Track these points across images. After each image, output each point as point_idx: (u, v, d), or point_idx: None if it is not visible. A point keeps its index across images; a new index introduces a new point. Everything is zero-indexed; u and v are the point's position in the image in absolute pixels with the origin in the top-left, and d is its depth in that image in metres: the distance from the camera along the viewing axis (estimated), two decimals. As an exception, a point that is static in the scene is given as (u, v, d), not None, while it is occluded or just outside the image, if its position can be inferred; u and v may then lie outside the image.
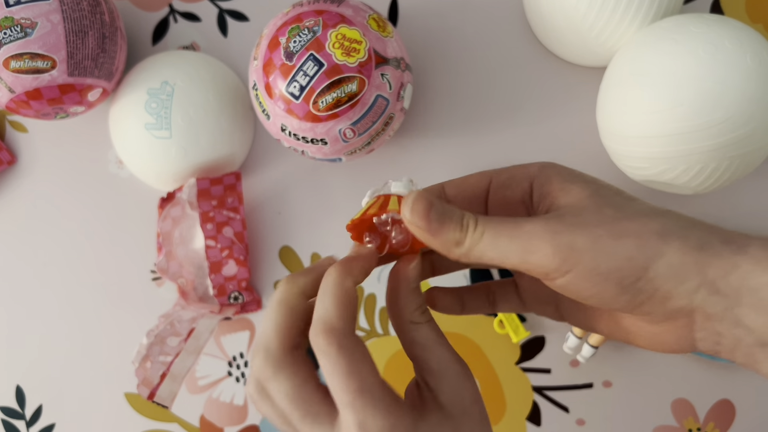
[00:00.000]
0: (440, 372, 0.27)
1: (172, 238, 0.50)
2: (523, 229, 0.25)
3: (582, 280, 0.24)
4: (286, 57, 0.41)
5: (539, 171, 0.28)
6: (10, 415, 0.52)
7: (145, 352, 0.46)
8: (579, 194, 0.26)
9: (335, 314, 0.25)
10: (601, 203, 0.25)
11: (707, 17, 0.42)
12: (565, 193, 0.26)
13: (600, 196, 0.26)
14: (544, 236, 0.24)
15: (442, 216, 0.26)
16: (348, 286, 0.26)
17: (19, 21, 0.41)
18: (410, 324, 0.27)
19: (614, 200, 0.26)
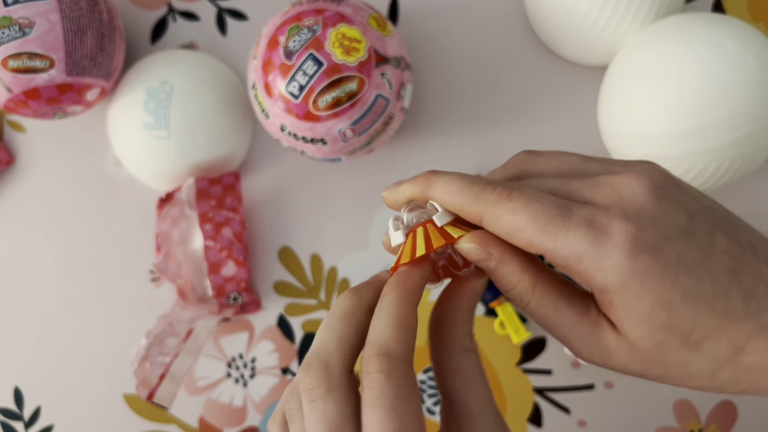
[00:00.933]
0: (478, 414, 0.24)
1: (170, 238, 0.50)
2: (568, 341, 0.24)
3: None
4: (285, 56, 0.41)
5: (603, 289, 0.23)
6: (9, 417, 0.52)
7: (143, 352, 0.46)
8: (638, 339, 0.23)
9: (393, 337, 0.23)
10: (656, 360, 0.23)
11: (709, 16, 0.42)
12: (628, 330, 0.23)
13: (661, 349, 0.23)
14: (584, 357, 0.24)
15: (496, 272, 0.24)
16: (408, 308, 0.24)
17: (17, 20, 0.41)
18: (459, 350, 0.25)
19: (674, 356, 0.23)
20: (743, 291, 0.22)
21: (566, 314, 0.24)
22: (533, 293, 0.24)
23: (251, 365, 0.51)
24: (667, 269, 0.22)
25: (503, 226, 0.23)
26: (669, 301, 0.22)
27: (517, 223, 0.23)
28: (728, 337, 0.22)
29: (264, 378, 0.51)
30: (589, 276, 0.22)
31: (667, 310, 0.22)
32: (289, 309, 0.51)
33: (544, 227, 0.22)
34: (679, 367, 0.23)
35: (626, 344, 0.23)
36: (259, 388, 0.51)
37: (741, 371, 0.23)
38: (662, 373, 0.23)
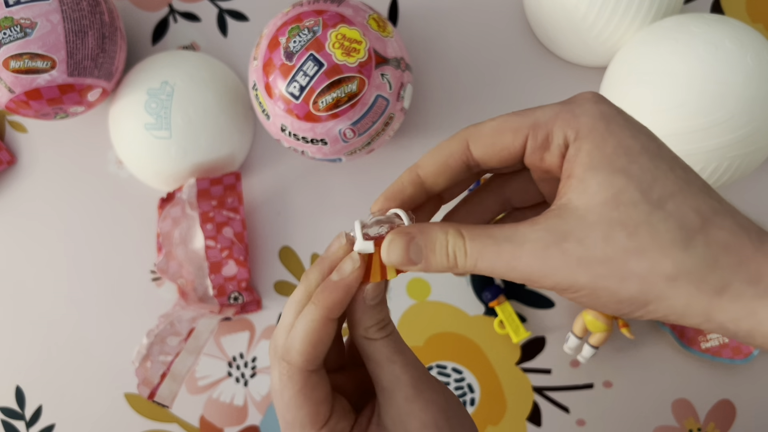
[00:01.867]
0: (389, 391, 0.26)
1: (171, 238, 0.50)
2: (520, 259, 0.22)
3: (582, 301, 0.23)
4: (286, 57, 0.41)
5: (577, 136, 0.23)
6: (10, 416, 0.52)
7: (145, 351, 0.46)
8: (594, 197, 0.22)
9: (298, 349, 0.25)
10: (615, 220, 0.21)
11: (708, 17, 0.42)
12: (582, 188, 0.22)
13: (618, 205, 0.21)
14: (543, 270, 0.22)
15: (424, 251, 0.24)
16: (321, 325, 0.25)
17: (18, 21, 0.41)
18: (364, 341, 0.27)
19: (634, 213, 0.21)
20: (698, 178, 0.23)
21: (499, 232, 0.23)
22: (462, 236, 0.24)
23: (252, 364, 0.51)
24: (629, 124, 0.23)
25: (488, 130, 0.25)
26: (629, 147, 0.22)
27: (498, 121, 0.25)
28: (692, 202, 0.21)
29: (265, 377, 0.51)
30: (565, 128, 0.23)
31: (627, 155, 0.22)
32: (289, 308, 0.52)
33: (522, 113, 0.25)
34: (644, 231, 0.21)
35: (580, 215, 0.22)
36: (259, 387, 0.51)
37: (714, 246, 0.21)
38: (628, 244, 0.21)
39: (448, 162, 0.26)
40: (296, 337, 0.25)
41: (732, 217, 0.21)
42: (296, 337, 0.25)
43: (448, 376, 0.51)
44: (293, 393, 0.26)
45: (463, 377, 0.51)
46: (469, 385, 0.51)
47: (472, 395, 0.51)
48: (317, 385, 0.26)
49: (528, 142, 0.24)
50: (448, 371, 0.51)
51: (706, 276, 0.21)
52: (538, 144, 0.24)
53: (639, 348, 0.50)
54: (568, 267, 0.22)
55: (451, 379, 0.51)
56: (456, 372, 0.51)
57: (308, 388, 0.26)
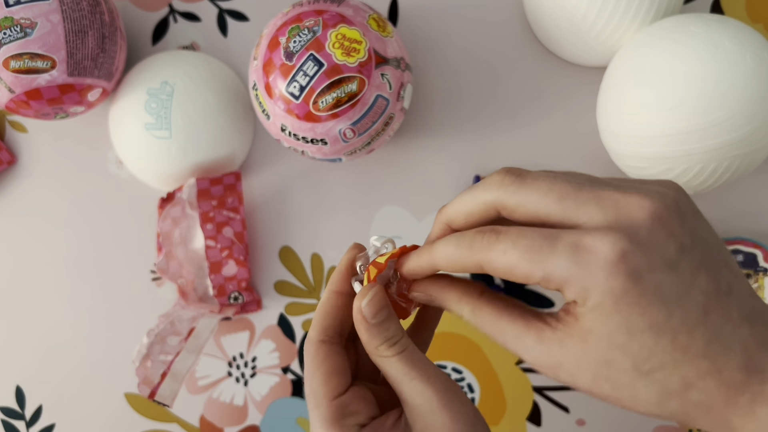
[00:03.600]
0: (413, 406, 0.27)
1: (171, 238, 0.50)
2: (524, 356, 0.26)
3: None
4: (286, 57, 0.41)
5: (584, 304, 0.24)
6: (10, 416, 0.52)
7: (145, 351, 0.46)
8: (591, 355, 0.24)
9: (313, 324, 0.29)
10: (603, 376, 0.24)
11: (707, 17, 0.42)
12: (583, 342, 0.24)
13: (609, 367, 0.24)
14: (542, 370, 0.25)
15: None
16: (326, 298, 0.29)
17: (18, 21, 0.41)
18: (379, 359, 0.28)
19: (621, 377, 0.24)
20: (708, 331, 0.23)
21: (510, 329, 0.26)
22: (475, 317, 0.27)
23: (252, 364, 0.51)
24: (641, 296, 0.23)
25: (499, 266, 0.25)
26: (633, 327, 0.23)
27: (510, 261, 0.24)
28: (681, 372, 0.23)
29: (265, 377, 0.51)
30: (575, 296, 0.24)
31: (628, 334, 0.23)
32: (289, 308, 0.52)
33: (533, 259, 0.24)
34: (626, 389, 0.24)
35: (574, 356, 0.24)
36: (259, 387, 0.51)
37: (687, 405, 0.23)
38: (609, 393, 0.24)
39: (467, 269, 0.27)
40: (314, 314, 0.29)
41: (718, 376, 0.23)
42: (314, 314, 0.29)
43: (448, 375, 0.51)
44: (307, 362, 0.28)
45: (463, 377, 0.51)
46: (469, 385, 0.51)
47: (472, 395, 0.51)
48: (328, 355, 0.28)
49: (542, 286, 0.25)
50: (448, 371, 0.51)
51: (675, 419, 0.24)
52: (551, 288, 0.25)
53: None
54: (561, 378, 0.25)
55: (451, 378, 0.51)
56: (456, 372, 0.51)
57: (319, 358, 0.28)
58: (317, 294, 0.52)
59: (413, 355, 0.28)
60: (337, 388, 0.28)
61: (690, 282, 0.23)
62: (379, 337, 0.27)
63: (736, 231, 0.50)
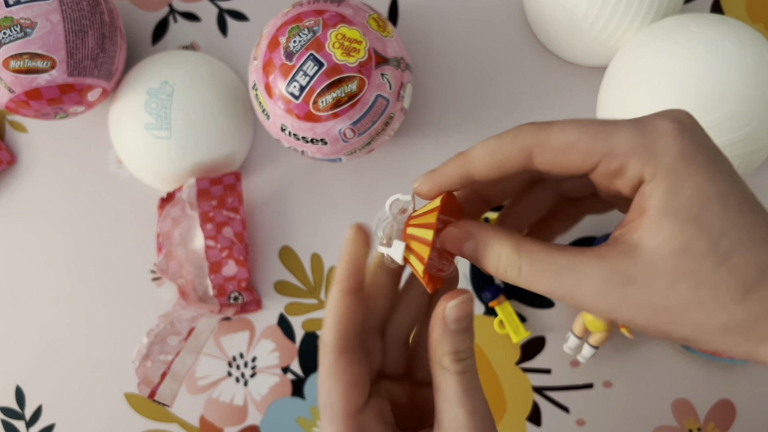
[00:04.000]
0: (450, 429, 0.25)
1: (171, 238, 0.50)
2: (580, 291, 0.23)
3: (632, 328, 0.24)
4: (285, 57, 0.41)
5: (654, 175, 0.22)
6: (10, 416, 0.52)
7: (145, 351, 0.46)
8: (665, 243, 0.22)
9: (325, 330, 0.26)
10: (682, 270, 0.22)
11: (707, 17, 0.42)
12: (655, 231, 0.22)
13: (687, 255, 0.22)
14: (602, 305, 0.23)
15: (477, 254, 0.25)
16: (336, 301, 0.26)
17: (18, 21, 0.41)
18: (439, 368, 0.25)
19: (700, 266, 0.22)
20: (762, 219, 0.22)
21: (564, 261, 0.23)
22: (519, 255, 0.24)
23: (252, 364, 0.51)
24: (707, 162, 0.22)
25: (556, 145, 0.23)
26: (704, 193, 0.22)
27: (570, 137, 0.23)
28: (756, 255, 0.22)
29: (265, 377, 0.51)
30: (642, 167, 0.22)
31: (701, 202, 0.22)
32: (289, 308, 0.52)
33: (596, 133, 0.23)
34: (706, 286, 0.22)
35: (647, 260, 0.22)
36: (259, 387, 0.51)
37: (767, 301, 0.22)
38: (689, 296, 0.22)
39: (506, 166, 0.24)
40: (326, 317, 0.26)
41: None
42: (326, 317, 0.26)
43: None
44: (325, 373, 0.25)
45: (463, 377, 0.51)
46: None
47: (472, 395, 0.51)
48: (348, 366, 0.25)
49: (599, 166, 0.23)
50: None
51: (755, 327, 0.22)
52: (610, 171, 0.23)
53: (639, 348, 0.50)
54: (627, 309, 0.22)
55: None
56: (456, 372, 0.51)
57: (338, 369, 0.25)
58: (317, 294, 0.52)
59: (472, 381, 0.25)
60: (357, 403, 0.26)
61: (735, 172, 0.23)
62: (450, 345, 0.25)
63: None
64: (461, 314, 0.25)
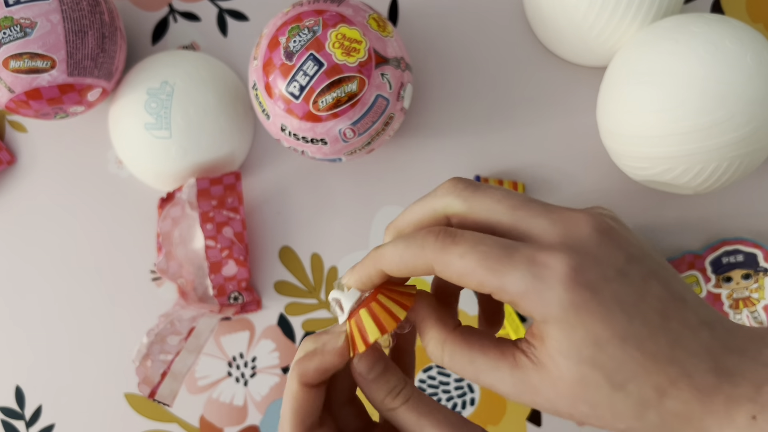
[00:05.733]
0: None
1: (171, 238, 0.50)
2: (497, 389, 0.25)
3: None
4: (285, 57, 0.41)
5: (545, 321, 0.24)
6: (10, 416, 0.52)
7: (145, 350, 0.46)
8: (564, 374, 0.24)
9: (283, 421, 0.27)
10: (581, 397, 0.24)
11: (708, 17, 0.42)
12: (554, 365, 0.24)
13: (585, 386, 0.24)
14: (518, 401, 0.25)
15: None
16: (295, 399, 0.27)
17: (18, 21, 0.41)
18: (386, 411, 0.27)
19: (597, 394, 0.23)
20: (670, 336, 0.23)
21: (482, 362, 0.25)
22: (443, 350, 0.26)
23: (252, 364, 0.51)
24: (601, 306, 0.23)
25: (454, 270, 0.24)
26: (598, 337, 0.23)
27: (467, 267, 0.24)
28: (653, 380, 0.23)
29: (265, 377, 0.51)
30: (531, 310, 0.23)
31: (595, 346, 0.23)
32: (289, 308, 0.52)
33: (492, 267, 0.23)
34: (604, 407, 0.24)
35: (550, 380, 0.24)
36: (259, 387, 0.51)
37: (666, 416, 0.23)
38: (589, 412, 0.24)
39: (414, 273, 0.26)
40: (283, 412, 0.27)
41: (688, 380, 0.23)
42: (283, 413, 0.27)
43: (448, 375, 0.51)
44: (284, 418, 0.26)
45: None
46: (468, 385, 0.51)
47: (471, 395, 0.51)
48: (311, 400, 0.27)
49: (492, 294, 0.24)
50: (448, 371, 0.51)
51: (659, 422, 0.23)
52: (504, 300, 0.24)
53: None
54: (539, 407, 0.25)
55: (450, 378, 0.51)
56: (456, 372, 0.51)
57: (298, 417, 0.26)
58: (317, 294, 0.52)
59: (420, 402, 0.27)
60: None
61: (644, 289, 0.24)
62: (381, 391, 0.27)
63: (736, 231, 0.50)
64: (371, 363, 0.27)
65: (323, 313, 0.52)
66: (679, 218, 0.50)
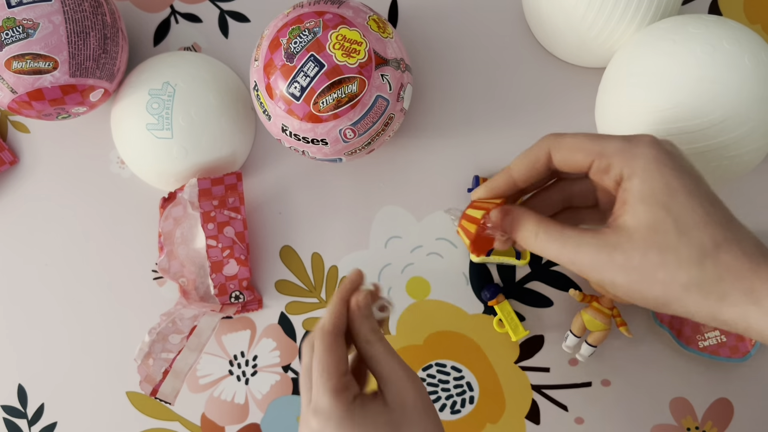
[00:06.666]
0: (388, 377, 0.35)
1: (173, 237, 0.51)
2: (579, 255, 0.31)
3: (619, 295, 0.32)
4: (286, 58, 0.42)
5: (632, 173, 0.30)
6: (13, 414, 0.53)
7: (147, 349, 0.46)
8: (640, 222, 0.29)
9: (326, 319, 0.36)
10: (652, 241, 0.29)
11: (706, 18, 0.42)
12: (633, 214, 0.30)
13: (657, 230, 0.29)
14: (594, 267, 0.31)
15: (513, 225, 0.34)
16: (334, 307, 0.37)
17: (21, 22, 0.42)
18: (365, 343, 0.36)
19: (666, 238, 0.29)
20: (724, 211, 0.30)
21: (570, 234, 0.31)
22: (538, 225, 0.32)
23: (253, 363, 0.52)
24: (676, 165, 0.30)
25: (567, 145, 0.32)
26: (672, 187, 0.29)
27: (576, 140, 0.32)
28: (710, 231, 0.29)
29: (265, 375, 0.52)
30: (623, 165, 0.30)
31: (669, 192, 0.29)
32: (290, 307, 0.52)
33: (595, 139, 0.32)
34: (671, 252, 0.29)
35: (627, 233, 0.30)
36: (260, 385, 0.52)
37: (720, 268, 0.28)
38: (657, 260, 0.29)
39: (535, 165, 0.34)
40: (325, 315, 0.37)
41: (738, 245, 0.29)
42: (325, 315, 0.37)
43: (448, 374, 0.51)
44: (323, 348, 0.35)
45: (463, 375, 0.51)
46: (468, 384, 0.51)
47: (471, 393, 0.51)
48: (340, 345, 0.35)
49: (593, 163, 0.32)
50: (448, 369, 0.51)
51: (712, 287, 0.28)
52: (601, 168, 0.31)
53: (637, 347, 0.50)
54: (612, 269, 0.30)
55: (450, 377, 0.51)
56: (455, 370, 0.51)
57: (336, 344, 0.35)
58: (318, 293, 0.52)
59: (388, 344, 0.36)
60: (345, 369, 0.35)
61: (702, 179, 0.31)
62: (367, 326, 0.37)
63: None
64: (366, 302, 0.37)
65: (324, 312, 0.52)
66: (677, 218, 0.50)
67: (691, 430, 0.50)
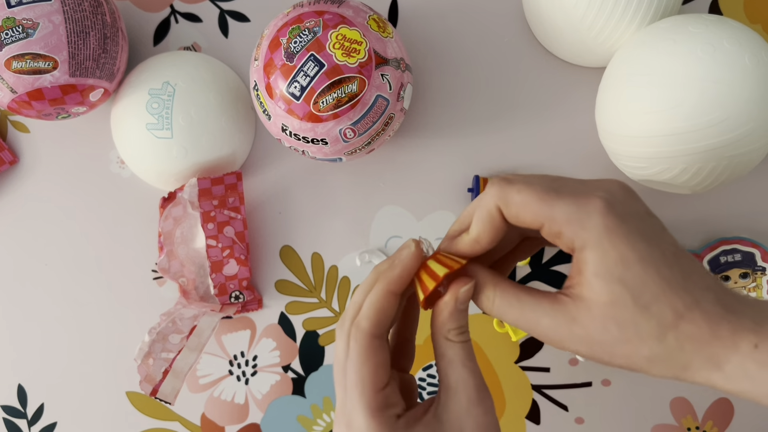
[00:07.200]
0: (454, 390, 0.30)
1: (173, 237, 0.51)
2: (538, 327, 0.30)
3: None
4: (286, 57, 0.42)
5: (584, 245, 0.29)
6: (12, 414, 0.53)
7: (147, 349, 0.46)
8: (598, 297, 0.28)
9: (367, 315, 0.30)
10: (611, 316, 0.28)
11: (706, 17, 0.42)
12: (590, 288, 0.29)
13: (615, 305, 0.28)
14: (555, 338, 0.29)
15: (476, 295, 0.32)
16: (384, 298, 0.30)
17: (20, 22, 0.42)
18: (444, 340, 0.31)
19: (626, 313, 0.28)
20: (683, 269, 0.28)
21: (527, 300, 0.30)
22: (495, 291, 0.31)
23: (253, 363, 0.52)
24: (629, 232, 0.28)
25: (515, 203, 0.30)
26: (626, 258, 0.28)
27: (524, 199, 0.29)
28: (671, 302, 0.28)
29: (265, 375, 0.52)
30: (574, 235, 0.28)
31: (623, 265, 0.28)
32: (290, 307, 0.52)
33: (544, 199, 0.29)
34: (631, 327, 0.28)
35: (585, 306, 0.28)
36: (260, 385, 0.52)
37: (682, 339, 0.27)
38: (618, 334, 0.28)
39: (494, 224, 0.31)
40: (365, 306, 0.30)
41: (699, 308, 0.28)
42: (365, 307, 0.30)
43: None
44: (358, 352, 0.30)
45: (463, 376, 0.51)
46: (468, 384, 0.51)
47: (471, 393, 0.51)
48: (378, 349, 0.30)
49: (544, 227, 0.30)
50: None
51: (674, 359, 0.28)
52: (552, 233, 0.29)
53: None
54: (573, 342, 0.29)
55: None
56: (456, 370, 0.51)
57: (371, 350, 0.30)
58: (318, 293, 0.52)
59: (471, 349, 0.31)
60: (383, 380, 0.30)
61: (660, 235, 0.29)
62: (456, 322, 0.31)
63: (735, 230, 0.50)
64: (467, 297, 0.31)
65: (324, 312, 0.52)
66: (677, 217, 0.50)
67: (691, 430, 0.50)
